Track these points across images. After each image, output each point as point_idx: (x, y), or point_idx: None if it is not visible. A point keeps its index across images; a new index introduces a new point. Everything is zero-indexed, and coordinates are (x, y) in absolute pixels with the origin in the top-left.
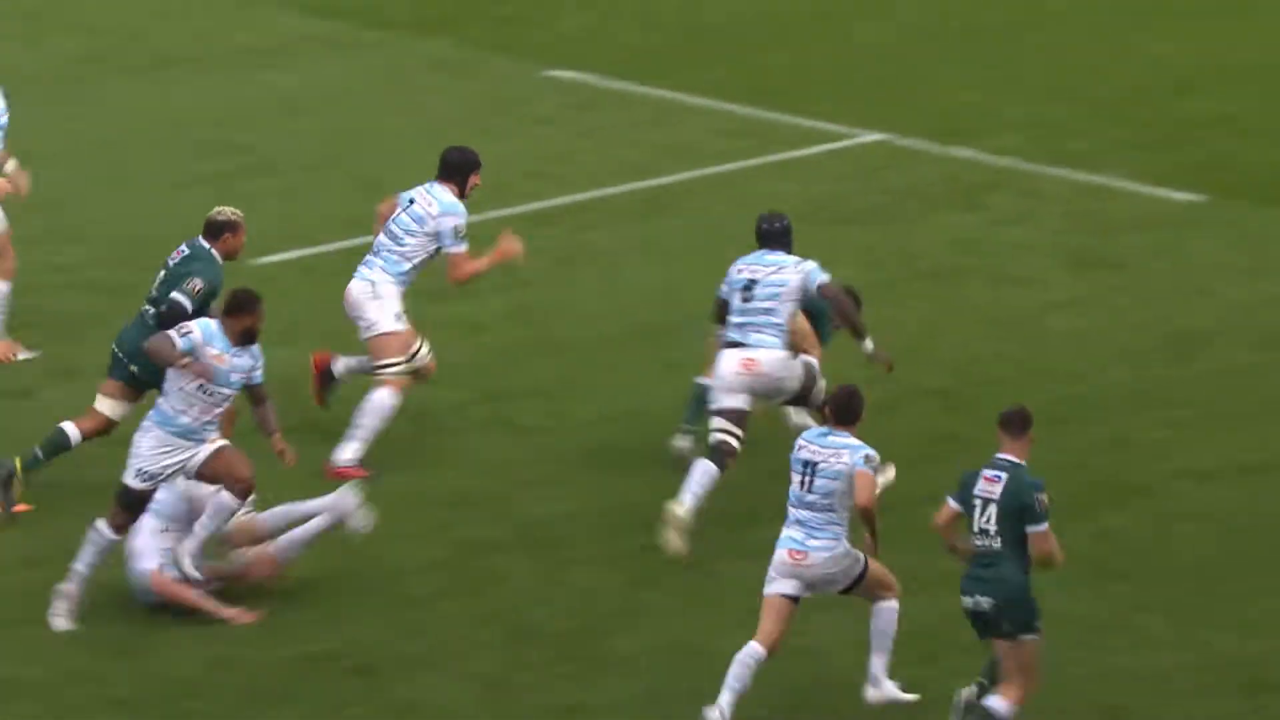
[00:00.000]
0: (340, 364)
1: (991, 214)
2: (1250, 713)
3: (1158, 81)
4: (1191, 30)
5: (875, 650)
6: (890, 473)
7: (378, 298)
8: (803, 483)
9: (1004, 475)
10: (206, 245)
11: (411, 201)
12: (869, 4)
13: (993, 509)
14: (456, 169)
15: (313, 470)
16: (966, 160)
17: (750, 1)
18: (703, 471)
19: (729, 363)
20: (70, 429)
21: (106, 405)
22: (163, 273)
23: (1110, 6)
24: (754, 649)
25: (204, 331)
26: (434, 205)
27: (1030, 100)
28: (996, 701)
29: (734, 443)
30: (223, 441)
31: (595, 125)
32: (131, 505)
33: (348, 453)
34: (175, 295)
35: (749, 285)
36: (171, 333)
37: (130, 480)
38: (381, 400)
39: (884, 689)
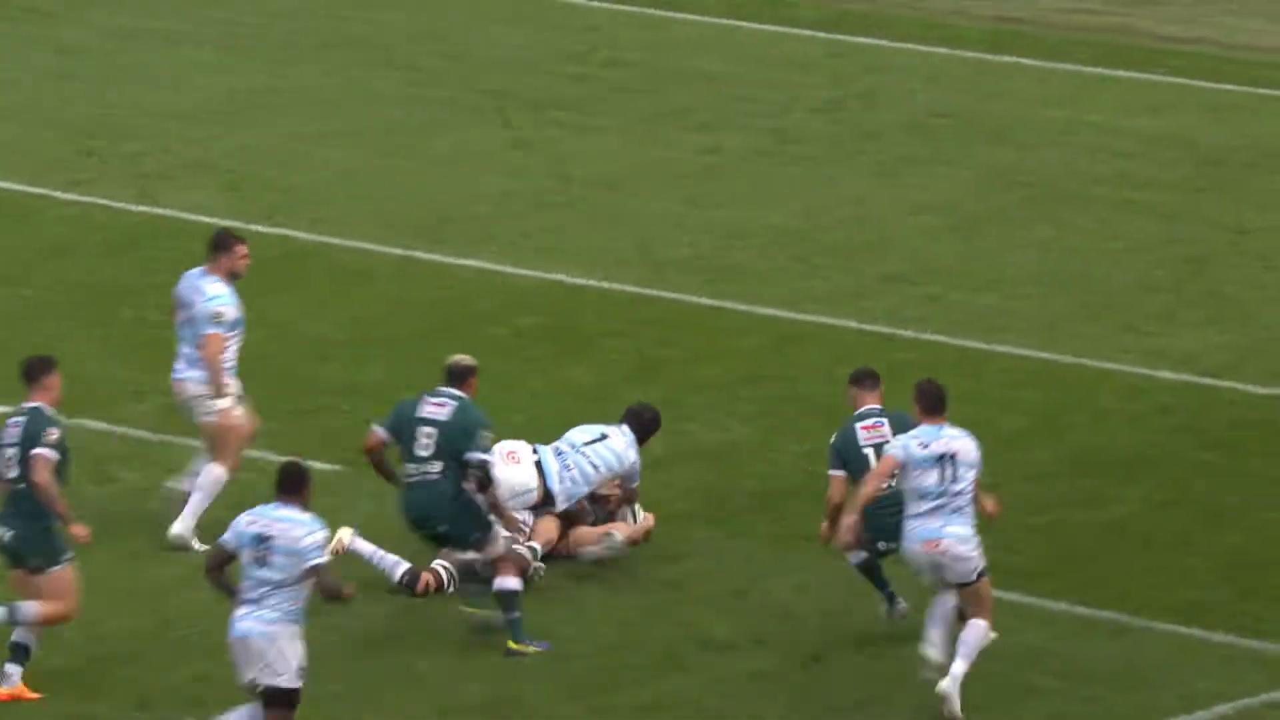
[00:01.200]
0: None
1: (125, 485)
2: None
3: (287, 347)
4: (324, 299)
5: (960, 657)
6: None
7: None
8: (943, 476)
9: (886, 420)
10: (463, 393)
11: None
12: None
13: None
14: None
15: None
16: (98, 431)
17: None
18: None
19: None
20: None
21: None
22: (431, 429)
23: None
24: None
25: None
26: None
27: (156, 369)
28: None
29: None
30: None
31: None
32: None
33: None
34: (480, 456)
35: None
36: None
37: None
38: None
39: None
